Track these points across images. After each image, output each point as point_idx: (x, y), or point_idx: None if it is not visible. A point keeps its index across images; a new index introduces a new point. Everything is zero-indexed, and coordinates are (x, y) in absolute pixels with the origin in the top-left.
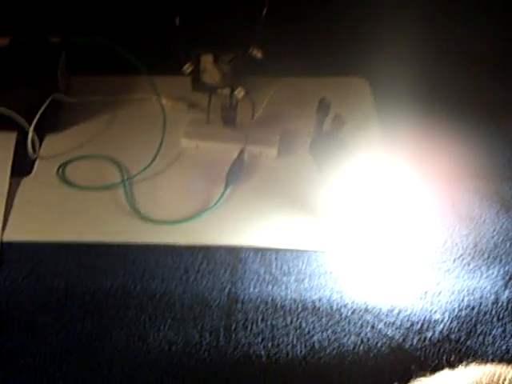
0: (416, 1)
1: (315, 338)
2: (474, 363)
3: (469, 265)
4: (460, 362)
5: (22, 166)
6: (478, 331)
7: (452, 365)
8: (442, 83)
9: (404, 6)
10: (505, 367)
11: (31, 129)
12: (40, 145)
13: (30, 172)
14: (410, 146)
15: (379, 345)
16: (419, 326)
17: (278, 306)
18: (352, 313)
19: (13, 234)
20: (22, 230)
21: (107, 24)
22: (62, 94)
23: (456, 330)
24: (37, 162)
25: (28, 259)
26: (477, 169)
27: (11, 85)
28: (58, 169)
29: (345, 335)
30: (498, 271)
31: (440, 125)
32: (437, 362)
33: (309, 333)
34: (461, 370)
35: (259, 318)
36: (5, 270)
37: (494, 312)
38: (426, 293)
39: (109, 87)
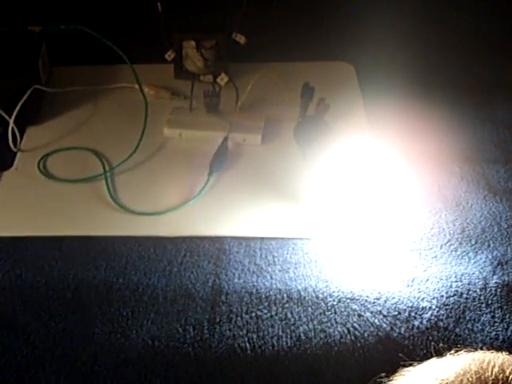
0: None
1: (301, 328)
2: (462, 350)
3: (456, 250)
4: (449, 349)
5: (2, 160)
6: (467, 318)
7: (441, 353)
8: (427, 67)
9: None
10: (494, 353)
11: (12, 121)
12: (21, 137)
13: (11, 165)
14: (396, 131)
15: (366, 334)
16: (407, 314)
17: (263, 296)
18: (338, 302)
19: None
20: (3, 224)
21: (87, 12)
22: (42, 85)
23: (444, 317)
24: (18, 155)
25: (8, 255)
26: (463, 153)
27: None
28: (39, 162)
29: (331, 325)
30: (486, 256)
31: (425, 109)
32: (425, 350)
33: (294, 324)
34: (449, 357)
35: (244, 310)
36: None
37: (482, 298)
38: (413, 280)
39: (90, 77)
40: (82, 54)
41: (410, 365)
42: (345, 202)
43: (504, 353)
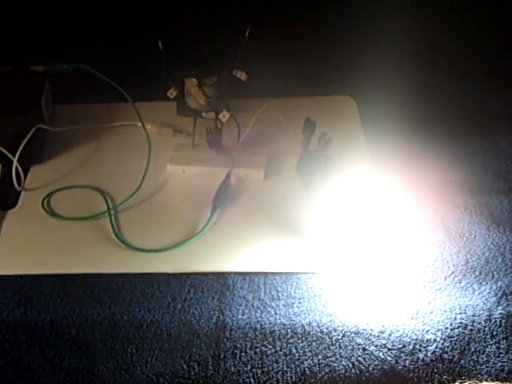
0: (403, 20)
1: (306, 363)
2: (467, 382)
3: (460, 282)
4: (454, 381)
5: (7, 199)
6: (472, 349)
7: None
8: (428, 99)
9: (390, 26)
10: None
11: (15, 160)
12: (25, 176)
13: (15, 204)
14: (397, 164)
15: (371, 368)
16: (411, 346)
17: (267, 332)
18: (343, 336)
19: None
20: (8, 263)
21: (89, 51)
22: (46, 124)
23: (449, 349)
24: (22, 194)
25: (14, 293)
26: (466, 184)
27: None
28: (43, 200)
29: (336, 359)
30: (491, 287)
31: (427, 141)
32: (430, 383)
33: (299, 359)
34: None
35: (248, 346)
36: None
37: (487, 329)
38: (417, 312)
39: (93, 115)
40: (85, 93)
41: None
42: (348, 235)
43: None
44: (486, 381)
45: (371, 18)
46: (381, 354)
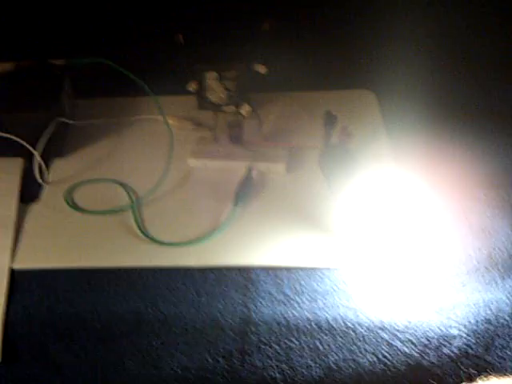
0: (424, 13)
1: (331, 358)
2: (493, 377)
3: (484, 277)
4: (479, 376)
5: (29, 192)
6: (496, 345)
7: (471, 379)
8: (449, 93)
9: (411, 19)
10: None
11: (38, 154)
12: (47, 170)
13: (37, 198)
14: (419, 158)
15: (396, 362)
16: (436, 341)
17: (292, 326)
18: (368, 331)
19: (23, 262)
20: (32, 257)
21: (110, 45)
22: (67, 118)
23: (474, 344)
24: (45, 188)
25: (39, 287)
26: (488, 179)
27: (16, 110)
28: (66, 194)
29: (361, 354)
30: None
31: (448, 135)
32: (455, 378)
33: (324, 353)
34: (480, 383)
35: (273, 340)
36: (16, 299)
37: (511, 324)
38: (441, 307)
39: (114, 109)
40: (105, 87)
41: None
42: (371, 230)
43: None
44: None
45: (393, 11)
46: (406, 349)
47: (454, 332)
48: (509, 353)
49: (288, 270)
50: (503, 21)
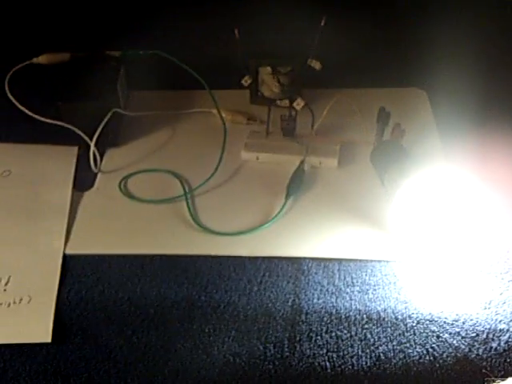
0: (477, 13)
1: (380, 349)
2: None
3: None
4: None
5: (83, 180)
6: None
7: None
8: (499, 91)
9: (465, 19)
10: None
11: (93, 143)
12: (101, 159)
13: (91, 186)
14: (470, 155)
15: (445, 355)
16: (484, 335)
17: (342, 317)
18: (417, 323)
19: (76, 247)
20: (85, 242)
21: (166, 37)
22: (121, 109)
23: None
24: (98, 176)
25: (91, 272)
26: None
27: (72, 100)
28: (120, 182)
29: (410, 346)
30: None
31: (499, 134)
32: (503, 371)
33: (374, 344)
34: None
35: (323, 330)
36: (68, 283)
37: None
38: (490, 302)
39: (168, 101)
40: (161, 79)
41: (493, 381)
42: (422, 225)
43: None
44: None
45: (447, 11)
46: (454, 342)
47: (503, 327)
48: None
49: (339, 261)
50: None
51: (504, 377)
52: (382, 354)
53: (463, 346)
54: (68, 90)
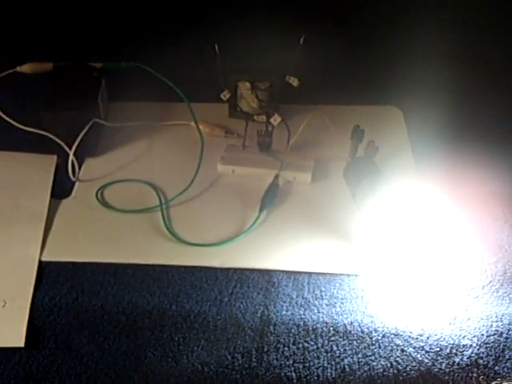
0: (452, 32)
1: (346, 361)
2: (504, 382)
3: (497, 291)
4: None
5: (61, 188)
6: (507, 357)
7: None
8: (473, 112)
9: (438, 35)
10: None
11: (72, 152)
12: (79, 168)
13: (69, 194)
14: (442, 174)
15: (408, 369)
16: (448, 350)
17: (310, 329)
18: (382, 337)
19: (52, 254)
20: (61, 250)
21: (147, 50)
22: (101, 119)
23: (484, 355)
24: (76, 185)
25: (66, 279)
26: (507, 197)
27: (53, 109)
28: (97, 192)
29: (375, 359)
30: None
31: (471, 153)
32: None
33: (339, 356)
34: None
35: (291, 341)
36: (43, 289)
37: None
38: (455, 318)
39: (147, 113)
40: (141, 91)
41: None
42: (391, 241)
43: None
44: None
45: (422, 31)
46: (418, 356)
47: (466, 342)
48: None
49: (309, 275)
50: None
51: None
52: (347, 366)
53: (427, 360)
54: (50, 99)
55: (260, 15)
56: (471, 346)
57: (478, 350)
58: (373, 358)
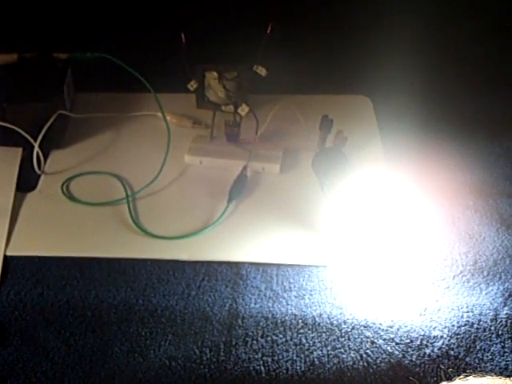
0: (419, 19)
1: (315, 353)
2: (471, 376)
3: (468, 282)
4: (458, 376)
5: (26, 182)
6: (477, 348)
7: (450, 378)
8: (443, 101)
9: (407, 25)
10: (502, 379)
11: (37, 144)
12: (45, 160)
13: (34, 187)
14: (411, 164)
15: (378, 361)
16: (418, 342)
17: (279, 321)
18: (352, 329)
19: (17, 249)
20: (26, 244)
21: (113, 41)
22: (67, 111)
23: (455, 346)
24: (42, 178)
25: (31, 273)
26: (477, 187)
27: (18, 100)
28: (63, 184)
29: (344, 351)
30: (498, 288)
31: (441, 143)
32: (435, 377)
33: (309, 349)
34: (458, 382)
35: (259, 334)
36: (8, 284)
37: (492, 329)
38: (425, 309)
39: (114, 104)
40: (107, 82)
41: None
42: (360, 231)
43: None
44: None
45: (391, 20)
46: (388, 348)
47: (437, 333)
48: (489, 356)
49: (277, 266)
50: (498, 31)
51: (436, 382)
52: (316, 359)
53: (397, 352)
54: (14, 91)
55: (227, 4)
56: (442, 337)
57: (449, 341)
58: (342, 350)
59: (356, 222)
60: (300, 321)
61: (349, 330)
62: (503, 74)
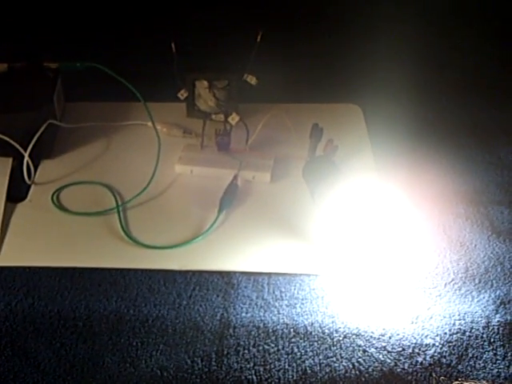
0: (410, 28)
1: (307, 362)
2: (464, 383)
3: (460, 289)
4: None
5: (17, 192)
6: (469, 355)
7: None
8: (433, 109)
9: (398, 34)
10: None
11: (27, 154)
12: (35, 170)
13: (25, 197)
14: (402, 172)
15: (371, 369)
16: (410, 350)
17: (270, 330)
18: (344, 337)
19: (7, 259)
20: (17, 254)
21: (103, 50)
22: (57, 120)
23: (447, 354)
24: (32, 188)
25: (22, 284)
26: (468, 195)
27: (7, 110)
28: (53, 194)
29: (336, 360)
30: (489, 296)
31: (431, 151)
32: None
33: (300, 358)
34: None
35: (251, 343)
36: None
37: (485, 336)
38: (417, 317)
39: (104, 113)
40: (97, 91)
41: None
42: (351, 240)
43: None
44: None
45: (382, 30)
46: (380, 356)
47: (429, 341)
48: (481, 363)
49: (269, 275)
50: (487, 39)
51: None
52: (308, 368)
53: (389, 361)
54: (4, 100)
55: (217, 13)
56: (434, 345)
57: (441, 348)
58: (334, 359)
59: (347, 231)
60: (292, 330)
61: (341, 338)
62: (494, 82)
